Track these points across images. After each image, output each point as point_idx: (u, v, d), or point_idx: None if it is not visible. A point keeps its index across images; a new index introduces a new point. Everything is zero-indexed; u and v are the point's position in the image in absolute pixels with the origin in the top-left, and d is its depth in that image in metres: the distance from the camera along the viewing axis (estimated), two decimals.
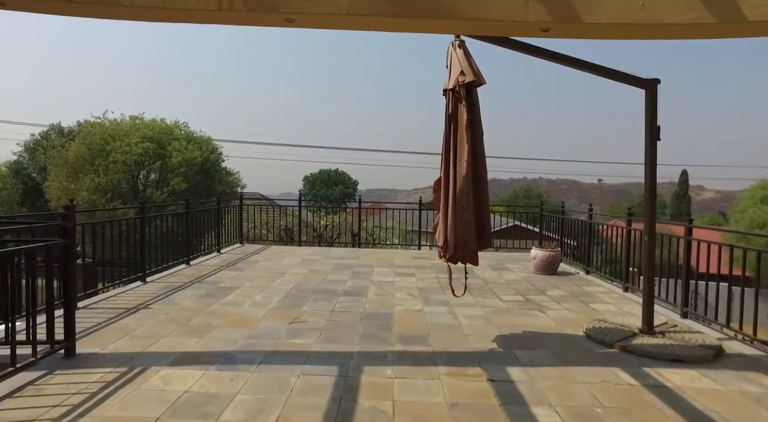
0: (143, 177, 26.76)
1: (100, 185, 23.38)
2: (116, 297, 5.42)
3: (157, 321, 4.51)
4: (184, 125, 28.51)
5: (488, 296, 6.00)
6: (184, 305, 5.14)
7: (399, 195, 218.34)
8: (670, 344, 3.88)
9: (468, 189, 3.77)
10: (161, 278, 6.53)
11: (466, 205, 3.77)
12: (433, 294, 6.06)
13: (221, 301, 5.39)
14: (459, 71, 3.83)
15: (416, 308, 5.33)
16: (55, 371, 3.24)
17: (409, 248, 11.21)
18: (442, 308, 5.36)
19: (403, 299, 5.73)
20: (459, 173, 3.80)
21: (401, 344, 4.10)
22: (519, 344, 4.18)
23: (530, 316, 5.12)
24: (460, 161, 3.81)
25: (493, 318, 5.03)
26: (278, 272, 7.20)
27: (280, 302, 5.44)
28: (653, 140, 4.11)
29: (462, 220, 3.79)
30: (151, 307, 5.04)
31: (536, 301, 5.81)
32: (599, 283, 7.00)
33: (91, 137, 24.46)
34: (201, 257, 8.32)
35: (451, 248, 3.87)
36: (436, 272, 7.64)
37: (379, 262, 8.42)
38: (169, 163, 25.57)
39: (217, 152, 28.58)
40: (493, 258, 9.08)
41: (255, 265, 7.81)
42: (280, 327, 4.47)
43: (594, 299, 5.93)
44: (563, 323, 4.85)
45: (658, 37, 3.42)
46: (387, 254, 9.43)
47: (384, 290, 6.23)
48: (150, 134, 25.59)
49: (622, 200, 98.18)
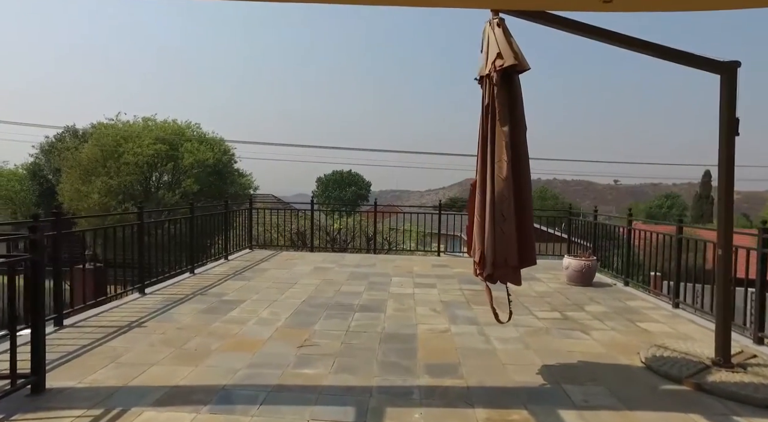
0: (155, 179, 26.58)
1: (112, 187, 23.18)
2: (109, 313, 4.91)
3: (149, 344, 3.98)
4: (196, 125, 28.25)
5: (521, 312, 5.35)
6: (182, 323, 4.61)
7: (412, 196, 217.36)
8: (761, 383, 3.21)
9: (508, 195, 3.16)
10: (161, 290, 6.02)
11: (507, 214, 3.15)
12: (458, 310, 5.44)
13: (224, 318, 4.85)
14: (496, 54, 3.22)
15: (442, 328, 4.71)
16: (14, 415, 2.70)
17: (427, 254, 10.59)
18: (471, 328, 4.74)
19: (426, 316, 5.12)
20: (498, 175, 3.18)
21: (429, 375, 3.50)
22: (567, 376, 3.55)
23: (573, 339, 4.47)
24: (499, 161, 3.19)
25: (530, 340, 4.39)
26: (288, 283, 6.64)
27: (289, 319, 4.87)
28: (730, 135, 3.45)
29: (501, 232, 3.17)
30: (145, 325, 4.51)
31: (576, 319, 5.15)
32: (642, 297, 6.30)
33: (103, 138, 24.30)
34: (207, 264, 7.82)
35: (488, 266, 3.26)
36: (459, 282, 7.01)
37: (396, 271, 7.82)
38: (181, 164, 25.33)
39: (229, 154, 28.28)
40: None
41: (264, 274, 7.27)
42: (288, 352, 3.90)
43: (641, 317, 5.25)
44: (613, 348, 4.20)
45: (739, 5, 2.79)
46: (405, 262, 8.82)
47: (404, 304, 5.63)
48: (162, 136, 25.38)
49: (639, 202, 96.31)
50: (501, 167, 3.17)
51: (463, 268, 8.18)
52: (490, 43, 3.32)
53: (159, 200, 24.64)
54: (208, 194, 26.82)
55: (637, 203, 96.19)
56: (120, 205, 23.47)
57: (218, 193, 27.06)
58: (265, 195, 36.23)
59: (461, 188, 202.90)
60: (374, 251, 9.72)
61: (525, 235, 3.30)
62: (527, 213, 3.31)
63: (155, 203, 24.88)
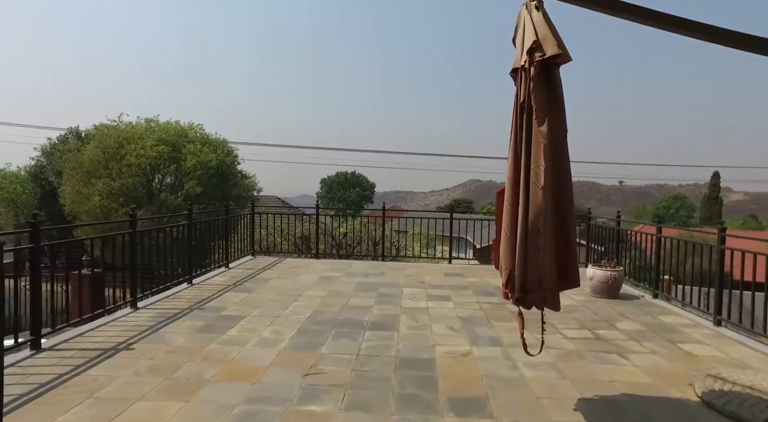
0: (158, 181, 26.25)
1: (114, 189, 22.85)
2: (96, 331, 4.46)
3: (135, 372, 3.53)
4: (199, 126, 27.93)
5: (547, 330, 4.85)
6: (175, 345, 4.15)
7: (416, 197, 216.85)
8: None
9: (546, 206, 2.68)
10: (156, 304, 5.58)
11: (544, 228, 2.68)
12: (478, 327, 4.97)
13: (221, 337, 4.39)
14: (534, 42, 2.74)
15: (463, 351, 4.24)
16: None
17: (438, 261, 10.11)
18: (495, 351, 4.26)
19: (444, 336, 4.64)
20: (534, 183, 2.71)
21: (454, 414, 3.03)
22: (612, 415, 3.07)
23: (611, 364, 3.98)
24: (536, 166, 2.72)
25: (563, 366, 3.91)
26: (292, 295, 6.18)
27: (294, 339, 4.41)
28: None
29: (536, 248, 2.70)
30: (133, 347, 4.06)
31: (609, 339, 4.66)
32: (677, 311, 5.80)
33: (105, 140, 23.99)
34: (206, 273, 7.37)
35: (518, 288, 2.77)
36: (475, 294, 6.53)
37: (407, 280, 7.35)
38: (183, 166, 24.97)
39: (232, 155, 27.90)
40: None
41: (266, 284, 6.82)
42: (292, 382, 3.44)
43: (682, 337, 4.75)
44: (660, 376, 3.71)
45: None
46: (415, 270, 8.35)
47: (418, 321, 5.16)
48: (165, 137, 25.04)
49: (646, 203, 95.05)
50: (538, 174, 2.70)
51: (477, 277, 7.71)
52: (527, 30, 2.85)
53: (161, 203, 24.30)
54: (211, 196, 26.48)
55: (644, 205, 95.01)
56: (121, 207, 23.14)
57: (221, 195, 26.70)
58: (269, 197, 35.85)
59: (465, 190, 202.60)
60: (382, 257, 9.25)
61: (566, 253, 2.82)
62: (569, 228, 2.83)
63: (157, 205, 24.55)
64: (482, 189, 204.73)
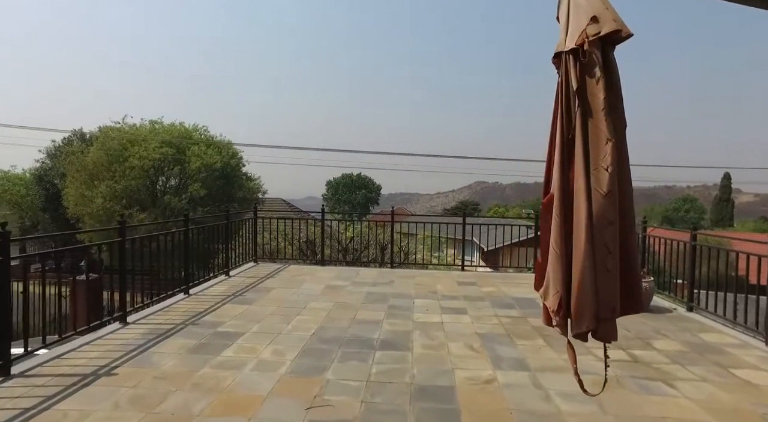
0: (162, 183, 25.97)
1: (117, 191, 22.56)
2: (76, 352, 4.02)
3: (113, 405, 3.08)
4: (203, 128, 27.66)
5: (578, 351, 4.35)
6: (163, 369, 3.71)
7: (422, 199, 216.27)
8: None
9: (614, 217, 2.20)
10: (147, 318, 5.14)
11: (612, 245, 2.19)
12: (500, 346, 4.48)
13: (216, 360, 3.94)
14: (591, 18, 2.27)
15: (486, 376, 3.76)
16: None
17: (450, 268, 9.61)
18: (522, 376, 3.78)
19: (464, 358, 4.16)
20: (595, 189, 2.23)
21: None
22: None
23: (658, 395, 3.48)
24: (596, 168, 2.24)
25: (603, 397, 3.40)
26: (296, 307, 5.73)
27: (296, 362, 3.95)
28: None
29: (607, 271, 2.22)
30: (116, 372, 3.62)
31: (649, 362, 4.16)
32: (717, 328, 5.28)
33: (109, 142, 23.73)
34: (205, 282, 6.93)
35: (587, 319, 2.29)
36: (492, 306, 6.04)
37: (418, 290, 6.87)
38: (188, 168, 24.67)
39: (237, 157, 27.59)
40: None
41: (268, 295, 6.37)
42: (294, 418, 2.98)
43: (732, 361, 4.23)
44: (722, 413, 3.20)
45: None
46: (426, 278, 7.86)
47: (433, 338, 4.68)
48: (169, 139, 24.75)
49: (655, 205, 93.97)
50: (599, 178, 2.22)
51: (492, 287, 7.21)
52: (578, 5, 2.37)
53: (165, 205, 24.00)
54: (215, 199, 26.14)
55: (652, 206, 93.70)
56: (124, 210, 22.83)
57: (226, 197, 26.38)
58: (274, 199, 35.51)
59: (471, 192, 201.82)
60: (391, 264, 8.78)
61: (631, 273, 2.33)
62: (631, 241, 2.35)
63: (161, 208, 24.25)
64: (488, 191, 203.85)
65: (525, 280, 7.84)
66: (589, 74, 2.28)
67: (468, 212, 71.47)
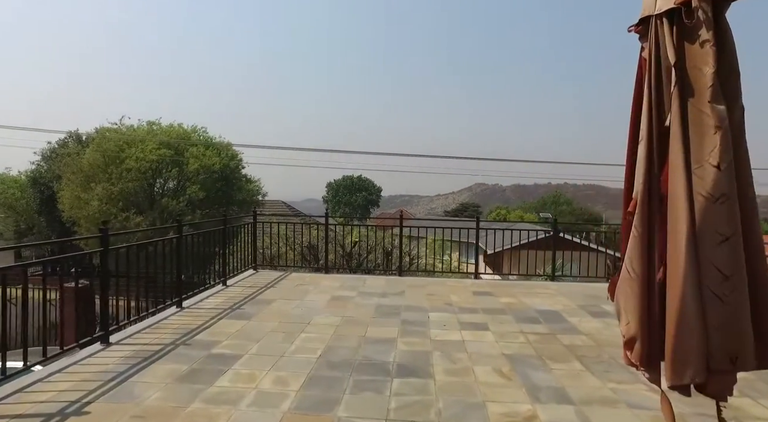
0: (160, 185, 25.44)
1: (113, 193, 22.01)
2: (44, 383, 3.46)
3: None
4: (202, 129, 27.15)
5: (623, 376, 3.81)
6: (145, 405, 3.15)
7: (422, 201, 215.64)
8: None
9: (730, 230, 1.66)
10: (133, 337, 4.58)
11: (729, 266, 1.65)
12: (533, 371, 3.93)
13: (208, 391, 3.39)
14: None
15: (524, 412, 3.20)
16: None
17: (463, 276, 9.06)
18: (567, 411, 3.23)
19: (494, 387, 3.61)
20: (701, 192, 1.68)
21: None
22: None
23: None
24: (700, 165, 1.71)
25: None
26: (299, 322, 5.18)
27: (302, 393, 3.40)
28: None
29: (720, 302, 1.67)
30: (88, 410, 3.06)
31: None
32: None
33: (105, 143, 23.20)
34: (200, 293, 6.37)
35: (691, 368, 1.75)
36: (515, 320, 5.50)
37: (431, 302, 6.32)
38: (186, 170, 24.14)
39: (237, 159, 27.06)
40: (575, 290, 6.85)
41: (268, 308, 5.81)
42: None
43: None
44: None
45: None
46: (438, 287, 7.30)
47: (456, 361, 4.13)
48: (167, 140, 24.23)
49: None
50: (705, 178, 1.68)
51: (511, 297, 6.66)
52: None
53: (163, 208, 23.44)
54: (214, 201, 25.59)
55: None
56: (121, 212, 22.29)
57: (225, 200, 25.84)
58: (274, 201, 34.94)
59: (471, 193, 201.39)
60: (399, 272, 8.20)
61: (764, 305, 1.78)
62: (760, 261, 1.78)
63: (159, 210, 23.69)
64: (488, 192, 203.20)
65: (544, 289, 7.29)
66: (693, 41, 1.73)
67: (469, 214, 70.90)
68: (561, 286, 7.62)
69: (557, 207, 68.78)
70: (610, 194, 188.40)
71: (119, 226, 21.93)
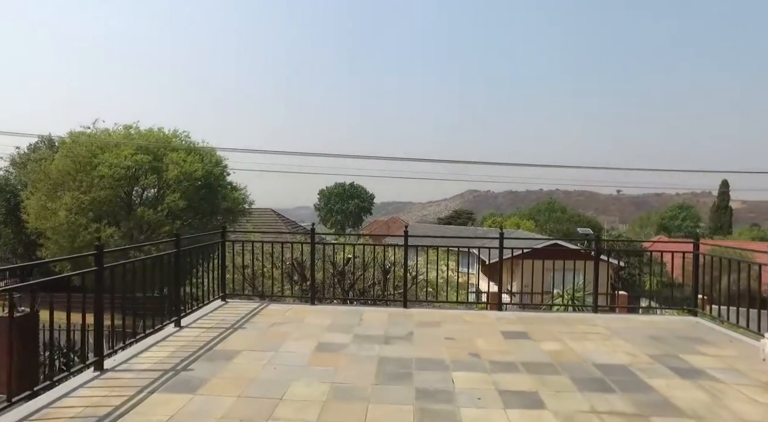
0: (137, 194, 23.63)
1: (84, 203, 20.17)
2: None
3: None
4: (184, 134, 25.37)
5: None
6: None
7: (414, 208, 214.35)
8: None
9: None
10: None
11: None
12: None
13: None
14: None
15: None
16: None
17: (481, 306, 7.44)
18: None
19: None
20: None
21: None
22: None
23: None
24: None
25: None
26: (268, 396, 3.54)
27: None
28: None
29: None
30: None
31: None
32: None
33: (76, 148, 21.37)
34: (139, 342, 4.70)
35: None
36: (576, 384, 3.90)
37: (452, 351, 4.71)
38: (165, 177, 22.36)
39: (221, 165, 25.32)
40: (631, 328, 5.27)
41: (227, 367, 4.16)
42: None
43: None
44: None
45: None
46: (456, 326, 5.69)
47: None
48: (144, 144, 22.47)
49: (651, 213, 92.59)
50: None
51: (554, 341, 5.07)
52: None
53: (138, 219, 21.63)
54: (197, 211, 23.78)
55: (648, 214, 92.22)
56: (91, 223, 20.44)
57: (209, 209, 24.07)
58: (263, 209, 33.14)
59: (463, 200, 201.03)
60: (404, 303, 6.55)
61: None
62: None
63: (134, 221, 21.87)
64: (480, 199, 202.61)
65: (590, 327, 5.71)
66: None
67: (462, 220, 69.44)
68: (608, 320, 6.04)
69: (552, 214, 67.72)
70: (600, 200, 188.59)
71: (90, 239, 20.08)
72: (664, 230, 70.20)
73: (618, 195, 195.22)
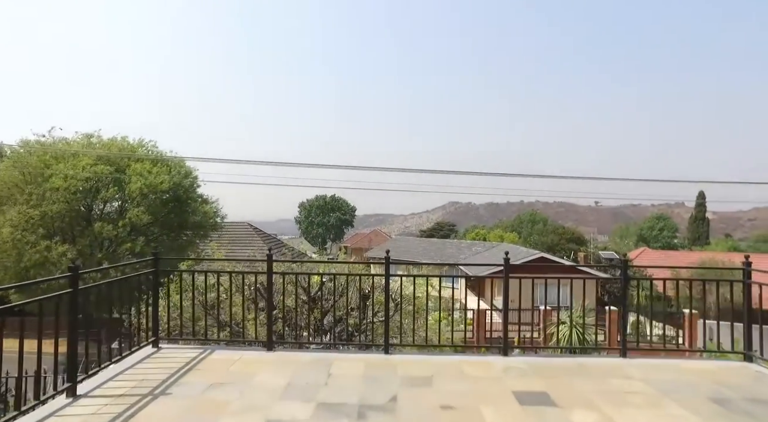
0: (97, 208, 21.74)
1: (32, 218, 18.27)
2: None
3: None
4: (150, 143, 23.63)
5: None
6: None
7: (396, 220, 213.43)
8: None
9: None
10: None
11: None
12: None
13: None
14: None
15: None
16: None
17: (477, 350, 6.11)
18: None
19: None
20: None
21: None
22: None
23: None
24: None
25: None
26: None
27: None
28: None
29: None
30: None
31: None
32: None
33: (25, 158, 19.50)
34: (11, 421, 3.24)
35: None
36: None
37: None
38: (128, 190, 20.61)
39: (191, 176, 23.59)
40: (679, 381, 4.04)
41: None
42: None
43: None
44: None
45: None
46: (453, 384, 4.35)
47: None
48: (104, 154, 20.71)
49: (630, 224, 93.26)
50: None
51: (589, 409, 3.78)
52: None
53: (96, 236, 19.78)
54: (164, 225, 22.01)
55: (627, 226, 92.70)
56: (42, 240, 18.52)
57: (177, 224, 22.31)
58: (238, 223, 31.33)
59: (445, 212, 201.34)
60: (386, 348, 5.15)
61: None
62: None
63: (90, 238, 20.01)
64: (462, 211, 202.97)
65: (625, 379, 4.44)
66: None
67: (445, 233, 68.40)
68: (646, 370, 4.76)
69: (534, 225, 67.25)
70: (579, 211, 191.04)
71: (38, 257, 18.16)
72: (643, 241, 70.45)
73: (596, 206, 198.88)
